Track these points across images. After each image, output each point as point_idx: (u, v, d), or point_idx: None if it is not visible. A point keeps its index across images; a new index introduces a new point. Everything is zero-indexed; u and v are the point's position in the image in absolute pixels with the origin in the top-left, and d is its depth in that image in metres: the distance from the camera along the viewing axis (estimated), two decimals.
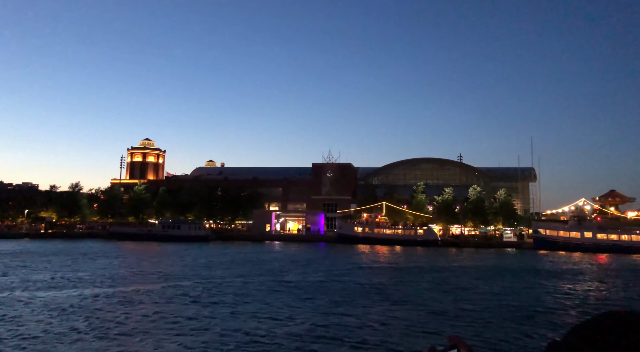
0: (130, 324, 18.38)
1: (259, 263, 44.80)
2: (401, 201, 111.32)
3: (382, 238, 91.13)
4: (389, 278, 34.67)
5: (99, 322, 18.65)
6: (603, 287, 34.17)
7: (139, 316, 19.82)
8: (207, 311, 21.31)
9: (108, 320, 18.93)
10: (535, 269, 46.58)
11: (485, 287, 30.84)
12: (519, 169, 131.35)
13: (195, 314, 20.40)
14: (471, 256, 69.31)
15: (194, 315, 20.25)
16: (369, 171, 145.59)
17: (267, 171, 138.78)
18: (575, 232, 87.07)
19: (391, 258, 59.37)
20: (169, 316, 19.82)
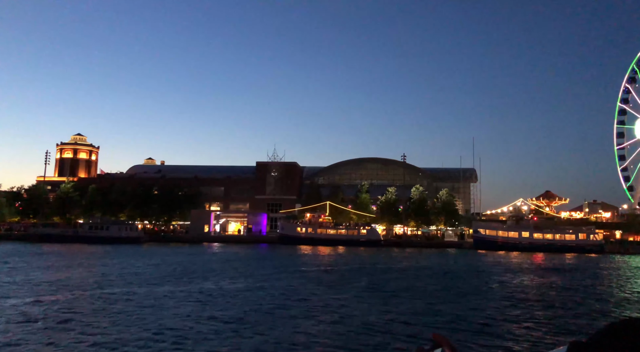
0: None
1: (184, 267, 40.89)
2: (346, 201, 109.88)
3: (325, 238, 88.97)
4: (315, 283, 31.98)
5: None
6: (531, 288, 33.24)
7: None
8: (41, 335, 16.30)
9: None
10: (466, 270, 45.52)
11: (418, 293, 28.75)
12: (460, 170, 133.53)
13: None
14: (411, 256, 68.24)
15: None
16: (314, 171, 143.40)
17: (209, 170, 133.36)
18: (513, 232, 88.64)
19: (328, 260, 56.89)
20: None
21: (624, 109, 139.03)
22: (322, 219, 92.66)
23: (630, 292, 32.34)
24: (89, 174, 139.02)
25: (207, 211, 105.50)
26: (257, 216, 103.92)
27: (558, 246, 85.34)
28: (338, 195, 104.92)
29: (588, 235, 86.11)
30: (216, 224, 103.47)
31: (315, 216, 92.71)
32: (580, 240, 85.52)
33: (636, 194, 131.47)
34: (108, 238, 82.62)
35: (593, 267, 54.17)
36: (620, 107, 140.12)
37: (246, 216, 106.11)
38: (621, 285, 36.96)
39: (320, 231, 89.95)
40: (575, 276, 42.62)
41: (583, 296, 29.11)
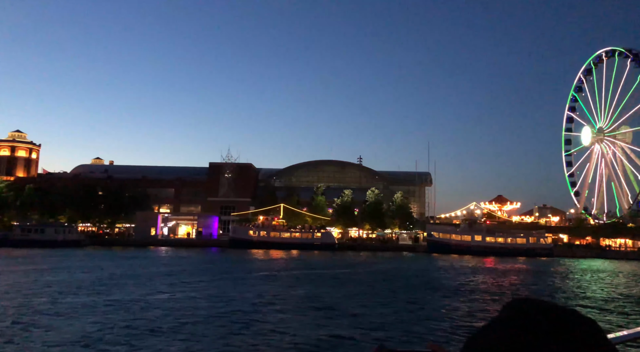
0: None
1: (109, 274, 37.26)
2: (301, 203, 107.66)
3: (278, 242, 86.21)
4: (254, 292, 29.37)
5: None
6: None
7: None
8: None
9: None
10: (415, 275, 44.15)
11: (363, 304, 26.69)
12: (416, 174, 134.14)
13: None
14: (364, 260, 66.67)
15: None
16: (270, 173, 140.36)
17: (159, 170, 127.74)
18: (466, 235, 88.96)
19: (278, 265, 54.28)
20: None
21: (572, 117, 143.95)
22: (276, 222, 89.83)
23: (576, 293, 31.66)
24: (28, 174, 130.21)
25: (154, 212, 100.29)
26: (207, 218, 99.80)
27: (510, 249, 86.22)
28: (293, 197, 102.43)
29: (538, 239, 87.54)
30: (164, 226, 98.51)
31: (268, 219, 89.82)
32: (531, 244, 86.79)
33: (582, 199, 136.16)
34: (44, 241, 76.56)
35: (543, 270, 54.25)
36: (568, 115, 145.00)
37: (196, 218, 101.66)
38: (569, 286, 36.46)
39: (274, 234, 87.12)
40: (527, 278, 42.05)
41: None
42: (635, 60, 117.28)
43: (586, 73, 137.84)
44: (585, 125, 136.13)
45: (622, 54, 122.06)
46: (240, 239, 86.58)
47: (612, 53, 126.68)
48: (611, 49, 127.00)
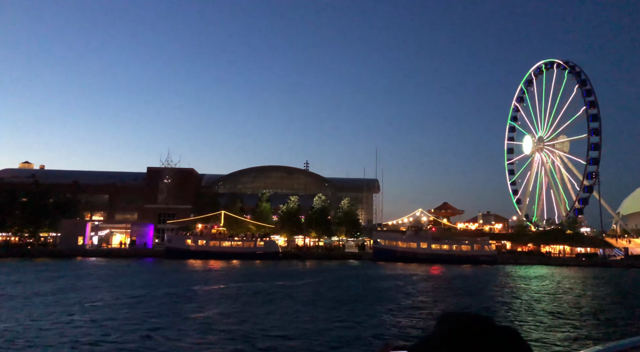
0: None
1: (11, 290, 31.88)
2: (245, 211, 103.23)
3: (218, 251, 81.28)
4: (169, 311, 25.25)
5: None
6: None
7: None
8: None
9: None
10: (357, 285, 41.28)
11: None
12: (364, 180, 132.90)
13: None
14: (307, 270, 63.35)
15: None
16: (214, 179, 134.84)
17: (93, 175, 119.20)
18: (412, 242, 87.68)
19: (210, 276, 49.81)
20: None
21: (514, 126, 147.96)
22: (215, 230, 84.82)
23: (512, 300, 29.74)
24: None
25: (82, 220, 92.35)
26: (141, 226, 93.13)
27: (455, 256, 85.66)
28: (236, 204, 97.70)
29: (482, 246, 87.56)
30: (94, 235, 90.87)
31: (207, 227, 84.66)
32: (476, 251, 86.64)
33: (523, 207, 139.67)
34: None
35: (489, 278, 52.98)
36: (510, 124, 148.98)
37: (130, 226, 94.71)
38: (512, 293, 34.71)
39: (213, 243, 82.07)
40: (475, 287, 40.13)
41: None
42: (572, 72, 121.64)
43: (527, 84, 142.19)
44: (527, 135, 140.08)
45: (560, 66, 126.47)
46: (176, 249, 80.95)
47: (551, 65, 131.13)
48: (550, 60, 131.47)
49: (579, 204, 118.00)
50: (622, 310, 30.27)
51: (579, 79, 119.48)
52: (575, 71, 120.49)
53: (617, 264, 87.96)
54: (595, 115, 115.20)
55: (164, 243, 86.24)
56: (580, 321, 25.10)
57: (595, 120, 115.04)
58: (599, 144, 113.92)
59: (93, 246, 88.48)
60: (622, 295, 40.02)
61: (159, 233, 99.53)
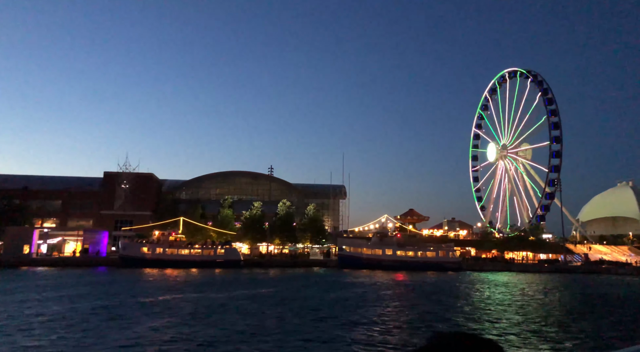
0: None
1: None
2: (207, 217, 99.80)
3: (176, 260, 77.62)
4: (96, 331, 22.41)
5: None
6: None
7: None
8: None
9: None
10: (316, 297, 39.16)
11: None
12: (330, 186, 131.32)
13: None
14: (267, 278, 60.79)
15: None
16: (176, 184, 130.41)
17: (45, 180, 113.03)
18: (378, 249, 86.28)
19: (158, 285, 46.57)
20: None
21: (478, 134, 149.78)
22: (173, 237, 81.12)
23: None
24: None
25: (28, 227, 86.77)
26: (95, 233, 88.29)
27: (420, 263, 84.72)
28: (196, 210, 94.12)
29: (447, 252, 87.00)
30: (42, 243, 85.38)
31: (165, 234, 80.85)
32: (441, 257, 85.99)
33: (487, 213, 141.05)
34: None
35: (452, 285, 51.82)
36: (475, 132, 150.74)
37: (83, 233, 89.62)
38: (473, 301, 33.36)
39: (171, 251, 78.33)
40: (442, 297, 38.63)
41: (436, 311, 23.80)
42: (534, 81, 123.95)
43: (491, 92, 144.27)
44: (491, 142, 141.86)
45: (523, 74, 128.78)
46: (131, 257, 76.84)
47: (514, 74, 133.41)
48: (513, 69, 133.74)
49: (541, 210, 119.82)
50: (588, 320, 29.25)
51: (541, 87, 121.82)
52: (538, 80, 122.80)
53: (577, 270, 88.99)
54: (557, 123, 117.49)
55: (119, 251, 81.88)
56: (547, 332, 23.75)
57: (557, 128, 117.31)
58: (560, 152, 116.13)
59: (41, 255, 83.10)
60: (585, 303, 39.36)
61: (115, 241, 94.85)
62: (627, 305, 38.38)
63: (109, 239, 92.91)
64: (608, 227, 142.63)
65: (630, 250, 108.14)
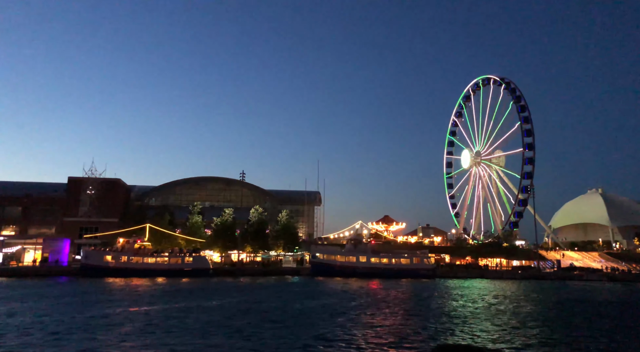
0: None
1: None
2: (177, 224, 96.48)
3: (141, 268, 74.25)
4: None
5: None
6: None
7: None
8: None
9: None
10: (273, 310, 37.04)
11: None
12: (305, 193, 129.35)
13: None
14: (235, 287, 58.30)
15: None
16: (146, 190, 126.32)
17: (3, 186, 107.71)
18: (352, 256, 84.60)
19: (110, 296, 43.61)
20: None
21: (453, 141, 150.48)
22: (138, 245, 77.68)
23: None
24: None
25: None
26: (56, 241, 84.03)
27: (395, 270, 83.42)
28: (164, 217, 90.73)
29: (422, 259, 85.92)
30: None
31: (130, 242, 77.35)
32: (415, 264, 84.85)
33: (461, 220, 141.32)
34: None
35: (427, 293, 50.37)
36: (449, 139, 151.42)
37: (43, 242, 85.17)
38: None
39: (136, 260, 74.89)
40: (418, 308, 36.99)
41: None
42: (507, 89, 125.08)
43: (465, 99, 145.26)
44: (465, 149, 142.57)
45: (496, 82, 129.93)
46: (93, 266, 73.14)
47: (488, 81, 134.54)
48: (487, 77, 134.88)
49: (514, 217, 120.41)
50: (563, 328, 28.01)
51: (514, 95, 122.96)
52: (511, 87, 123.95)
53: (550, 277, 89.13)
54: (529, 130, 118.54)
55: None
56: (527, 339, 22.26)
57: (529, 135, 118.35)
58: (533, 159, 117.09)
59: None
60: (560, 309, 38.36)
61: (79, 249, 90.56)
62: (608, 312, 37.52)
63: (72, 248, 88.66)
64: (579, 233, 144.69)
65: (601, 256, 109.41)
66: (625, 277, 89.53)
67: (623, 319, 33.99)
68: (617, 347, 22.57)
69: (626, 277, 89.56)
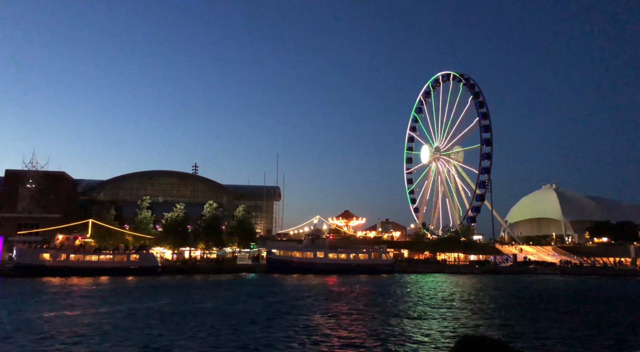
0: None
1: None
2: (125, 220, 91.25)
3: (83, 267, 69.05)
4: None
5: None
6: None
7: None
8: None
9: None
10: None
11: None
12: (264, 188, 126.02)
13: None
14: (175, 287, 54.65)
15: None
16: (94, 184, 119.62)
17: None
18: (309, 252, 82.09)
19: (34, 300, 39.18)
20: None
21: (413, 136, 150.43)
22: (79, 241, 72.40)
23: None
24: None
25: None
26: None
27: (353, 266, 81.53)
28: (110, 212, 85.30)
29: (380, 254, 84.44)
30: None
31: (70, 239, 71.92)
32: (373, 259, 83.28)
33: (420, 215, 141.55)
34: None
35: (385, 289, 48.42)
36: (409, 134, 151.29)
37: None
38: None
39: (77, 258, 69.58)
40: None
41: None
42: (466, 85, 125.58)
43: (425, 95, 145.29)
44: (424, 145, 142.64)
45: (456, 78, 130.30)
46: (29, 265, 67.41)
47: (448, 77, 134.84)
48: (447, 73, 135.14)
49: (472, 212, 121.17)
50: (524, 322, 26.34)
51: (472, 91, 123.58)
52: (470, 83, 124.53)
53: (507, 271, 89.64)
54: (487, 126, 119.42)
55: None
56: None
57: (487, 131, 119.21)
58: (491, 154, 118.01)
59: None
60: (519, 303, 37.08)
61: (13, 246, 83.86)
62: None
63: (5, 245, 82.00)
64: (534, 228, 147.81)
65: (554, 250, 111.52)
66: (578, 270, 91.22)
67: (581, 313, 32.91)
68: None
69: (578, 270, 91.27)
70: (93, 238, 76.25)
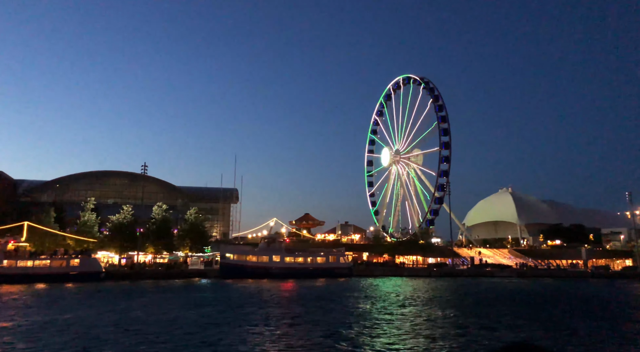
0: None
1: None
2: (68, 223, 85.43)
3: (15, 273, 63.43)
4: None
5: None
6: None
7: None
8: None
9: None
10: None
11: None
12: (221, 190, 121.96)
13: None
14: (114, 295, 50.61)
15: None
16: (36, 185, 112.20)
17: None
18: (264, 256, 78.95)
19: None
20: None
21: (374, 139, 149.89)
22: (13, 246, 66.63)
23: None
24: None
25: None
26: None
27: (310, 270, 78.97)
28: (49, 214, 79.43)
29: (338, 258, 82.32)
30: None
31: (2, 243, 66.06)
32: (331, 263, 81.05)
33: (380, 218, 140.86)
34: None
35: (339, 294, 46.09)
36: (370, 137, 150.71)
37: None
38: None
39: (9, 264, 63.88)
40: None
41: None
42: (426, 88, 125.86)
43: (386, 98, 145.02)
44: (385, 147, 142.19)
45: (416, 81, 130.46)
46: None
47: (408, 80, 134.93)
48: (407, 76, 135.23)
49: (430, 215, 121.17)
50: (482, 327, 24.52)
51: (432, 94, 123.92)
52: (430, 87, 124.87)
53: (464, 274, 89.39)
54: (446, 129, 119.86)
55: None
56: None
57: (446, 134, 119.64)
58: (449, 157, 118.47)
59: None
60: (479, 307, 35.55)
61: None
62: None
63: None
64: (490, 231, 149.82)
65: (510, 253, 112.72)
66: (533, 272, 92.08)
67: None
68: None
69: (534, 272, 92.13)
70: (29, 242, 70.45)
